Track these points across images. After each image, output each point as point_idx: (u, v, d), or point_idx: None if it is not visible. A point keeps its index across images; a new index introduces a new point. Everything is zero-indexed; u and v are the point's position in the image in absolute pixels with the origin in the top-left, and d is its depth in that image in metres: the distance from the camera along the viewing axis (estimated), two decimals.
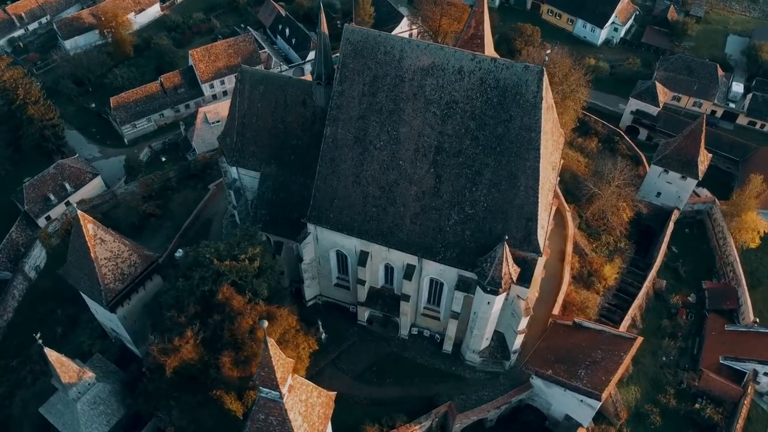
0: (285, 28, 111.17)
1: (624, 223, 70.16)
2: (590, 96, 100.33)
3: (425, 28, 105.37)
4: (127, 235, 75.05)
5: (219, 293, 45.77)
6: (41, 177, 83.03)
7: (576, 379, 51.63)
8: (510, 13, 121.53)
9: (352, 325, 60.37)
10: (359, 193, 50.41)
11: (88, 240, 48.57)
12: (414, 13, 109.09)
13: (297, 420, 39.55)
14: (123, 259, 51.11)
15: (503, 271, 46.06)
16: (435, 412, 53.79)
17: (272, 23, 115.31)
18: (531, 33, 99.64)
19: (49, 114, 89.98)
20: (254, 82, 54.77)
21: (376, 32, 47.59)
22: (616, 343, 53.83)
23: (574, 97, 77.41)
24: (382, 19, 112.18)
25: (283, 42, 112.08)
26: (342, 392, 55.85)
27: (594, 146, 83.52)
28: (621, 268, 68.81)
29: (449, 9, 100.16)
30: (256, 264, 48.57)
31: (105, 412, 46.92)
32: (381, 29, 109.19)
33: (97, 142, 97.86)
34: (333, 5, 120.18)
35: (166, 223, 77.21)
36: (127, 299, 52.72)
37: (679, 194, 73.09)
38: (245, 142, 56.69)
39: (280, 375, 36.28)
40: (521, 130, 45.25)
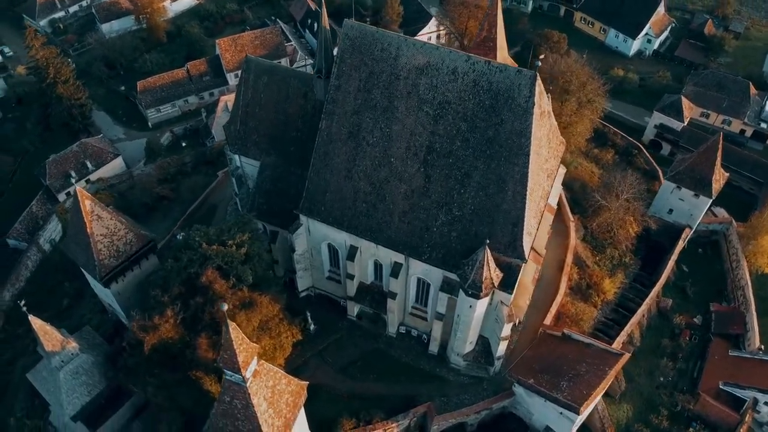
0: (314, 22, 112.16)
1: (630, 238, 68.68)
2: (615, 107, 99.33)
3: (452, 29, 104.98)
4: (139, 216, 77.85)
5: (203, 276, 46.73)
6: (64, 154, 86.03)
7: (557, 391, 50.88)
8: (542, 19, 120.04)
9: (341, 319, 60.75)
10: (351, 187, 50.75)
11: (85, 216, 50.18)
12: (442, 14, 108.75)
13: (261, 405, 40.14)
14: (119, 237, 52.59)
15: (484, 275, 45.79)
16: (413, 411, 53.75)
17: (303, 17, 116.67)
18: (557, 40, 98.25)
19: (78, 94, 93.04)
20: (259, 73, 55.67)
21: (374, 29, 47.85)
22: (603, 358, 52.81)
23: (591, 106, 76.04)
24: (411, 19, 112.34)
25: (311, 36, 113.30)
26: (325, 384, 57.00)
27: (610, 158, 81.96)
28: (623, 283, 67.44)
29: (476, 11, 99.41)
30: (244, 251, 49.41)
31: (87, 383, 48.49)
32: (408, 28, 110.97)
33: (122, 124, 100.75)
34: (364, 3, 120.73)
35: (178, 207, 79.02)
36: (122, 276, 54.23)
37: (692, 212, 71.14)
38: (248, 131, 57.66)
39: (242, 359, 36.87)
40: (511, 134, 44.88)
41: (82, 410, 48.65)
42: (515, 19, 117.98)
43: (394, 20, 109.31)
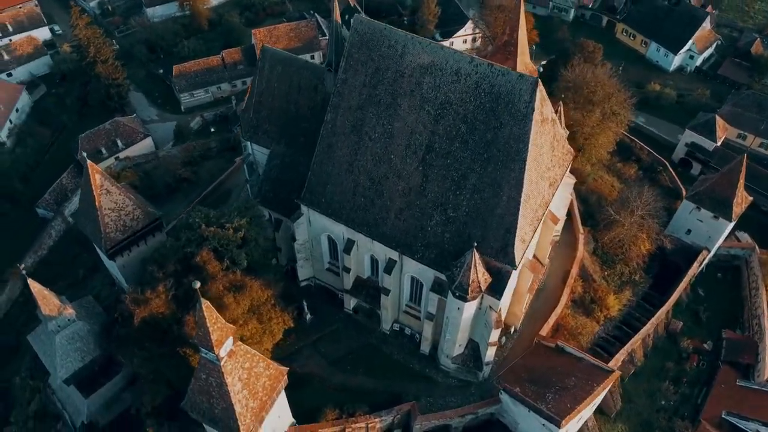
0: (351, 18, 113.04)
1: (641, 256, 67.10)
2: (648, 122, 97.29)
3: (487, 33, 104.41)
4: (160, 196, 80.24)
5: (198, 256, 47.95)
6: (96, 131, 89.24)
7: (542, 402, 50.29)
8: (583, 28, 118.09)
9: (338, 312, 61.32)
10: (351, 181, 51.26)
11: (95, 189, 52.13)
12: (479, 18, 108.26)
13: (236, 385, 41.04)
14: (126, 212, 54.40)
15: (471, 278, 45.61)
16: (397, 409, 53.88)
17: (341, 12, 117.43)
18: (592, 50, 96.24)
19: (116, 74, 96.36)
20: (273, 62, 56.73)
21: (383, 25, 48.17)
22: (592, 374, 51.93)
23: (615, 119, 74.53)
24: (448, 20, 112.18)
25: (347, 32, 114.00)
26: (315, 374, 57.77)
27: (633, 173, 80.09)
28: (629, 300, 65.96)
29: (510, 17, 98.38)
30: (240, 235, 50.47)
31: (81, 349, 50.41)
32: (444, 29, 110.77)
33: (157, 106, 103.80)
34: (403, 2, 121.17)
35: (198, 189, 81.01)
36: (128, 250, 56.09)
37: (710, 234, 69.02)
38: (260, 119, 58.82)
39: (216, 337, 37.79)
40: (510, 139, 44.57)
41: (75, 375, 50.70)
42: (555, 27, 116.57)
43: (430, 21, 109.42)
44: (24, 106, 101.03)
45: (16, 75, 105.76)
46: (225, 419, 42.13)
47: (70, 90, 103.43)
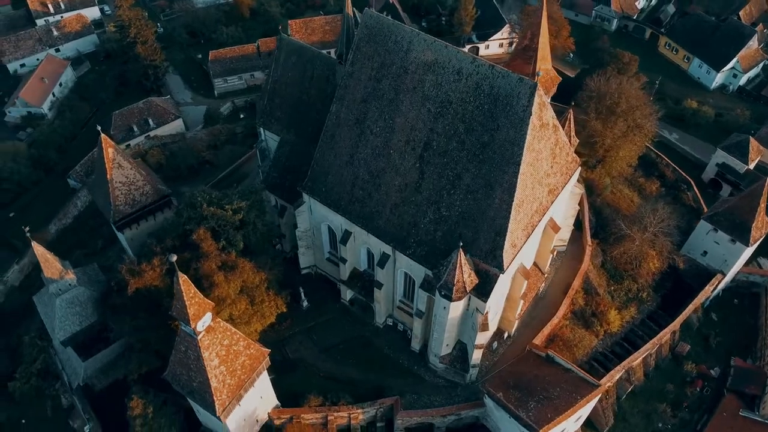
0: (388, 14, 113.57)
1: (651, 273, 65.60)
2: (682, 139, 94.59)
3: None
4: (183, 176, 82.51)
5: (195, 234, 49.38)
6: (130, 109, 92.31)
7: (523, 409, 49.93)
8: (625, 40, 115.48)
9: (335, 302, 62.12)
10: (351, 173, 51.86)
11: (107, 162, 54.25)
12: (516, 22, 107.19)
13: (213, 360, 42.25)
14: (137, 187, 56.41)
15: (456, 278, 45.61)
16: (380, 402, 54.32)
17: (380, 9, 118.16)
18: (627, 61, 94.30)
19: (154, 55, 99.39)
20: (289, 52, 57.84)
21: (391, 20, 48.54)
22: (578, 386, 51.18)
23: (639, 132, 72.79)
24: (485, 23, 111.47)
25: None
26: (305, 360, 58.75)
27: (654, 189, 77.99)
28: (633, 317, 64.59)
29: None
30: (239, 217, 51.69)
31: (79, 314, 52.57)
32: (481, 32, 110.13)
33: (192, 90, 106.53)
34: (444, 2, 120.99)
35: (219, 172, 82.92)
36: (136, 224, 58.18)
37: (726, 258, 66.91)
38: (273, 106, 60.03)
39: (193, 312, 39.00)
40: (505, 141, 44.36)
41: (72, 337, 52.94)
42: (596, 36, 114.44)
43: (467, 23, 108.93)
44: (67, 81, 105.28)
45: (64, 51, 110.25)
46: (201, 392, 43.49)
47: (111, 68, 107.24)
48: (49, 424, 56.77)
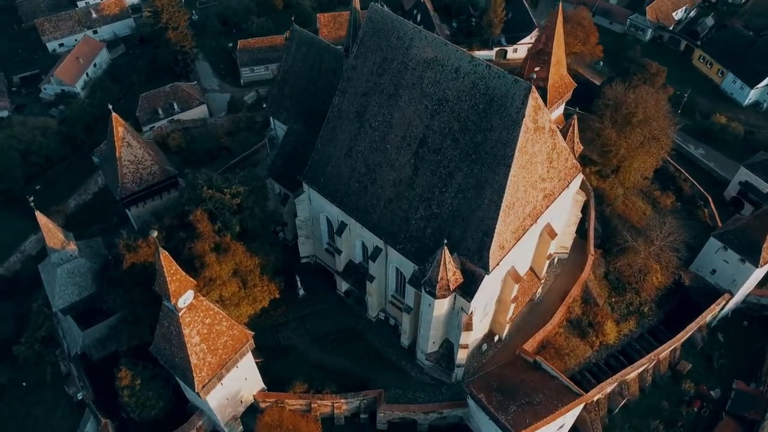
0: (418, 13, 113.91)
1: (654, 287, 64.41)
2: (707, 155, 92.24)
3: None
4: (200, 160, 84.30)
5: (192, 214, 50.67)
6: (156, 92, 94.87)
7: (503, 412, 49.83)
8: (658, 50, 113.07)
9: (331, 293, 62.79)
10: (348, 165, 52.41)
11: (117, 140, 56.04)
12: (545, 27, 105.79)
13: (194, 338, 43.33)
14: (145, 167, 58.08)
15: (440, 275, 45.71)
16: (364, 394, 54.79)
17: (411, 8, 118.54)
18: (655, 72, 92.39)
19: (185, 42, 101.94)
20: (300, 42, 58.71)
21: (395, 16, 48.87)
22: (561, 394, 50.83)
23: (655, 143, 71.38)
24: (516, 26, 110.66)
25: None
26: (296, 347, 59.56)
27: (669, 203, 76.26)
28: (632, 331, 63.48)
29: (575, 29, 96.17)
30: (236, 201, 52.77)
31: (79, 284, 54.45)
32: (509, 35, 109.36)
33: (220, 77, 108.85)
34: (476, 3, 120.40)
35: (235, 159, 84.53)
36: (143, 202, 59.88)
37: (735, 278, 65.20)
38: (283, 96, 61.01)
39: (174, 288, 40.08)
40: (497, 142, 44.26)
41: (70, 307, 54.91)
42: (629, 45, 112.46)
43: (496, 24, 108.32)
44: (102, 62, 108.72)
45: (101, 33, 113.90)
46: (182, 368, 44.66)
47: (145, 52, 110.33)
48: (47, 388, 59.00)
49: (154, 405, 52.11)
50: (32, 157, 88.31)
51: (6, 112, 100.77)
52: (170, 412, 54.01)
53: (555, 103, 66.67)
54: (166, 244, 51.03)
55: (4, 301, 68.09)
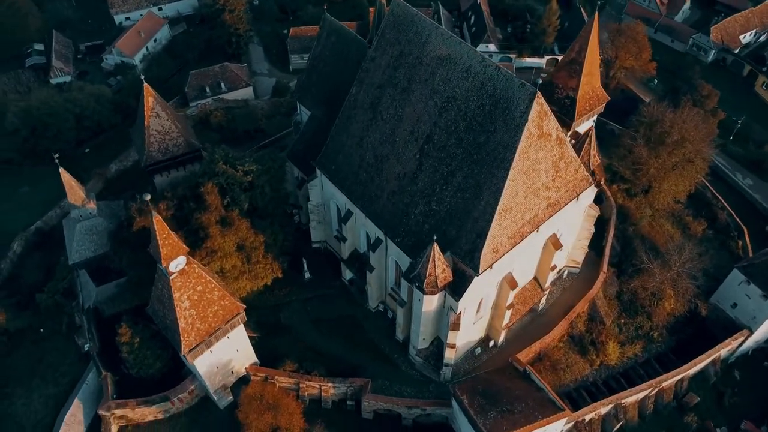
0: (472, 15, 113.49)
1: (666, 313, 62.37)
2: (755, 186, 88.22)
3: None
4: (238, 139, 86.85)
5: (203, 186, 52.67)
6: (206, 70, 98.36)
7: (481, 417, 49.67)
8: (719, 73, 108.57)
9: (336, 279, 63.80)
10: (359, 155, 53.20)
11: (146, 110, 58.73)
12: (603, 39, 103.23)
13: (184, 303, 45.20)
14: (171, 138, 60.62)
15: (428, 271, 45.91)
16: (351, 380, 55.58)
17: (467, 9, 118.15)
18: (707, 94, 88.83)
19: (240, 24, 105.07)
20: (330, 31, 59.91)
21: (415, 11, 49.16)
22: (544, 406, 50.18)
23: (689, 166, 68.92)
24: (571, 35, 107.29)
25: (466, 29, 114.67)
26: (295, 327, 60.98)
27: (700, 230, 73.31)
28: (636, 355, 61.73)
29: (628, 43, 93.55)
30: (248, 178, 54.42)
31: (95, 242, 57.47)
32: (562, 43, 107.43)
33: (270, 62, 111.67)
34: (534, 9, 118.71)
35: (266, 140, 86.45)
36: (167, 172, 62.49)
37: (756, 315, 62.38)
38: (310, 82, 62.36)
39: (165, 252, 41.96)
40: (499, 145, 44.06)
41: (85, 262, 58.03)
42: (688, 64, 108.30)
43: (549, 33, 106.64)
44: (162, 38, 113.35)
45: (166, 10, 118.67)
46: (172, 330, 46.66)
47: (203, 32, 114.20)
48: (61, 337, 62.47)
49: (151, 364, 54.46)
50: (85, 122, 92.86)
51: (69, 77, 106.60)
52: (167, 374, 56.30)
53: (584, 114, 65.09)
54: (175, 213, 53.52)
55: (38, 252, 72.26)
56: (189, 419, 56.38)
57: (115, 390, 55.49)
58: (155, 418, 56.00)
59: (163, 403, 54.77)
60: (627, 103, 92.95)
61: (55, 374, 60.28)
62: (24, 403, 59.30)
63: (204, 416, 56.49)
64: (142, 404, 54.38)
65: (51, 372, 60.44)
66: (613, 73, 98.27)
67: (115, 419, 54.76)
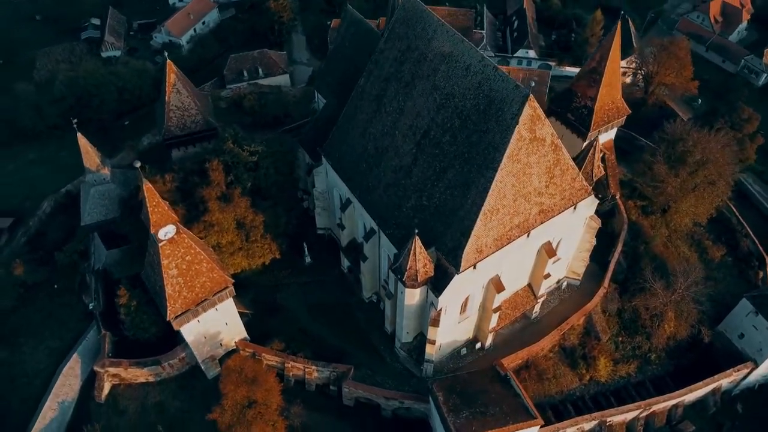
0: (516, 20, 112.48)
1: (665, 336, 60.77)
2: None
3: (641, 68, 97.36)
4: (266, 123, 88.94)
5: (209, 162, 54.57)
6: (245, 55, 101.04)
7: (453, 415, 49.84)
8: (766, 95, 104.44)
9: (336, 267, 64.80)
10: (361, 145, 54.00)
11: (168, 86, 61.15)
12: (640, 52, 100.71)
13: (171, 271, 47.03)
14: (190, 114, 62.88)
15: (409, 264, 46.29)
16: (333, 366, 56.51)
17: (512, 12, 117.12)
18: (747, 118, 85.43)
19: (283, 12, 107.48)
20: (350, 23, 60.94)
21: (424, 7, 49.56)
22: (517, 412, 49.94)
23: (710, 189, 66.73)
24: None
25: (509, 32, 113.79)
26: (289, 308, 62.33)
27: (718, 256, 70.89)
28: (629, 374, 60.38)
29: (670, 59, 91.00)
30: (253, 159, 56.01)
31: (106, 206, 60.20)
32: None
33: (311, 52, 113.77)
34: (581, 18, 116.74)
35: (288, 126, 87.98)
36: (184, 147, 64.82)
37: (762, 347, 60.17)
38: (328, 71, 63.63)
39: (155, 219, 43.82)
40: (489, 145, 44.06)
41: (96, 225, 60.94)
42: (737, 87, 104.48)
43: (592, 43, 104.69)
44: (210, 21, 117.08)
45: None
46: (160, 296, 48.59)
47: (250, 18, 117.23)
48: (72, 295, 65.57)
49: (146, 328, 56.68)
50: (126, 95, 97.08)
51: (119, 52, 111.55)
52: (162, 339, 58.35)
53: (602, 126, 64.09)
54: (180, 185, 55.62)
55: (64, 214, 76.04)
56: (178, 385, 58.46)
57: (111, 349, 58.03)
58: (146, 381, 58.33)
59: (154, 367, 57.00)
60: (663, 120, 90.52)
61: (61, 329, 63.47)
62: (31, 353, 62.73)
63: (192, 384, 58.43)
64: (134, 365, 56.74)
65: (58, 327, 63.66)
66: (653, 88, 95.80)
67: (109, 376, 57.34)
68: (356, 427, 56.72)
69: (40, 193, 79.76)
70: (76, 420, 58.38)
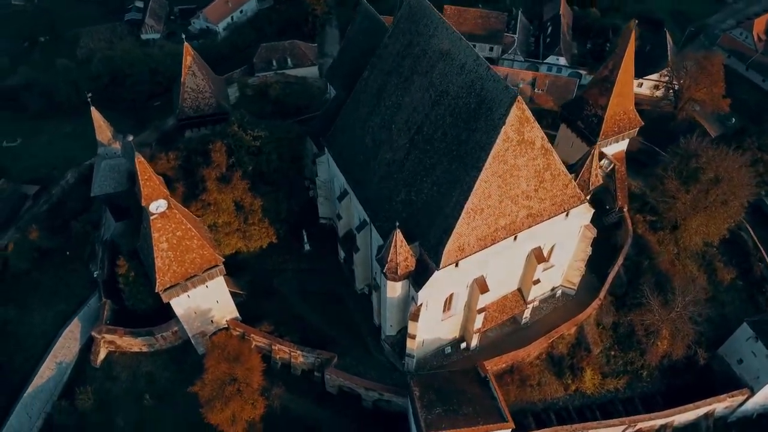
0: (550, 26, 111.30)
1: (658, 354, 59.51)
2: None
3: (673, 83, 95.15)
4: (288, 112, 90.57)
5: (212, 143, 56.16)
6: (275, 45, 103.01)
7: (425, 411, 50.12)
8: None
9: (334, 256, 65.64)
10: (360, 138, 54.67)
11: (184, 68, 63.11)
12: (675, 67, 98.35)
13: (162, 244, 48.70)
14: (204, 97, 64.73)
15: (390, 257, 46.71)
16: (318, 352, 57.40)
17: (548, 18, 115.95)
18: None
19: (317, 5, 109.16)
20: (363, 17, 61.60)
21: (428, 4, 49.88)
22: (490, 414, 49.87)
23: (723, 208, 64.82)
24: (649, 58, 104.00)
25: (542, 38, 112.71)
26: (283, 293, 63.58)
27: (728, 279, 68.79)
28: (617, 389, 59.33)
29: (702, 75, 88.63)
30: (256, 143, 57.31)
31: (116, 180, 62.41)
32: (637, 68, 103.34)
33: None
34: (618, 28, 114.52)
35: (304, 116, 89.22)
36: (197, 128, 66.74)
37: (759, 375, 58.26)
38: (340, 63, 64.43)
39: (146, 192, 45.48)
40: (476, 144, 44.14)
41: (106, 197, 63.39)
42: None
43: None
44: (248, 10, 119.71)
45: None
46: (151, 268, 50.34)
47: (287, 8, 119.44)
48: (82, 263, 68.43)
49: (144, 299, 58.65)
50: (158, 77, 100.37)
51: (158, 35, 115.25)
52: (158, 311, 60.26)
53: (612, 136, 63.38)
54: (183, 164, 57.38)
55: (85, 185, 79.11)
56: (169, 357, 60.39)
57: (111, 317, 60.31)
58: (140, 350, 60.43)
59: (148, 337, 59.03)
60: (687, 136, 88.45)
61: (69, 295, 66.24)
62: (39, 315, 65.66)
63: (183, 357, 60.23)
64: (129, 334, 58.86)
65: (66, 292, 66.47)
66: (683, 103, 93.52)
67: (105, 343, 59.63)
68: (336, 415, 57.43)
69: (69, 166, 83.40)
70: (73, 381, 60.94)
